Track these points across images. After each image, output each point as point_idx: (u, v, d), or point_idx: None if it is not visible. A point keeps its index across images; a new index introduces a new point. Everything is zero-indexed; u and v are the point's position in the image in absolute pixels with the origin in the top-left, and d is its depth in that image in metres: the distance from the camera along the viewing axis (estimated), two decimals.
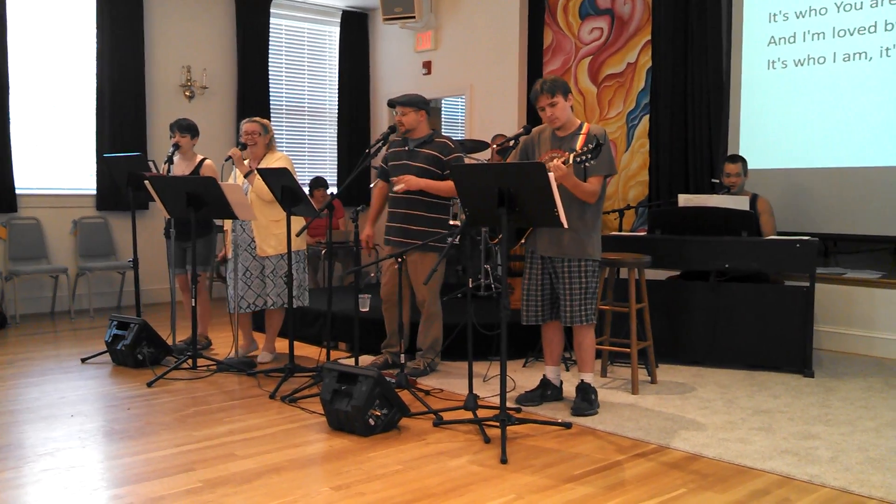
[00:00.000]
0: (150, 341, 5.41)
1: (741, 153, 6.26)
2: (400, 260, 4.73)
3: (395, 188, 5.08)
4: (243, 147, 5.34)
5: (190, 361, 5.29)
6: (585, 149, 3.95)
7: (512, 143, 4.43)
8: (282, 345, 5.61)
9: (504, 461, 3.58)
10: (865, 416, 4.32)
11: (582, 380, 4.44)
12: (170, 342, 5.61)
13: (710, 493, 3.25)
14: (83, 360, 5.59)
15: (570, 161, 3.99)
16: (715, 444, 3.84)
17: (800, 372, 5.24)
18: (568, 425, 4.12)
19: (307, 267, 5.62)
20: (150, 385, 4.91)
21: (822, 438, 3.92)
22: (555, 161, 4.00)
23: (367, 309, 5.72)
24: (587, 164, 3.97)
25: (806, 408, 4.47)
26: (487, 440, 3.87)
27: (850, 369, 5.45)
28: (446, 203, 5.18)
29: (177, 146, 5.72)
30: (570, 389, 4.63)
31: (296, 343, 5.23)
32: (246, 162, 5.38)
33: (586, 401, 4.37)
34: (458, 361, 5.40)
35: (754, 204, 5.73)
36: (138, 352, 5.32)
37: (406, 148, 5.15)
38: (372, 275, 8.07)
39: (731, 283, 5.49)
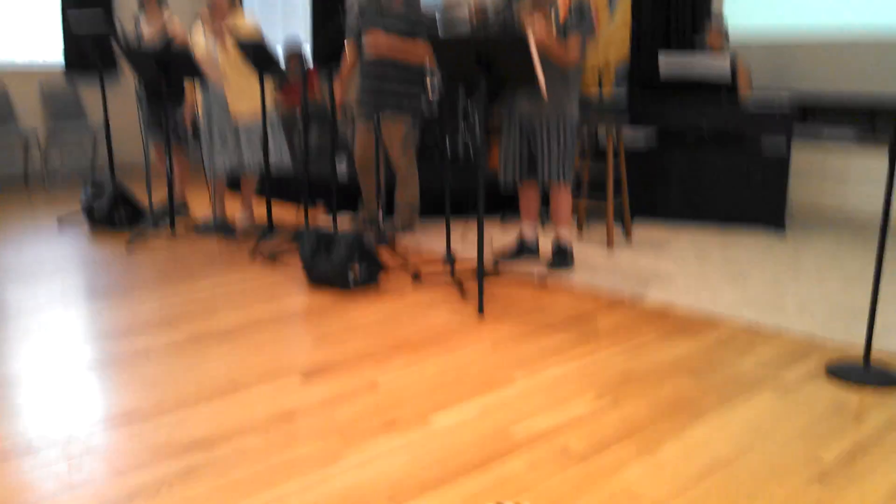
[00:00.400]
0: (126, 204, 5.39)
1: (724, 11, 6.13)
2: (373, 123, 4.67)
3: (366, 50, 4.96)
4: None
5: (168, 223, 5.29)
6: (568, 17, 3.88)
7: (490, 16, 4.33)
8: (260, 204, 5.60)
9: (481, 312, 3.67)
10: (834, 267, 4.43)
11: (558, 236, 4.50)
12: (165, 205, 5.58)
13: (679, 339, 3.36)
14: (60, 220, 5.57)
15: (553, 24, 3.92)
16: (687, 294, 3.95)
17: (773, 227, 5.34)
18: (543, 280, 4.20)
19: (283, 132, 5.54)
20: (129, 245, 4.92)
21: (790, 289, 4.03)
22: (536, 24, 3.92)
23: (345, 170, 5.70)
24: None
25: (776, 261, 4.58)
26: (465, 294, 3.95)
27: (822, 224, 5.56)
28: (420, 65, 5.06)
29: (142, 4, 5.52)
30: (546, 246, 4.70)
31: (274, 203, 5.23)
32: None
33: (561, 256, 4.44)
34: (436, 219, 5.43)
35: (734, 63, 5.67)
36: (115, 214, 5.31)
37: (379, 4, 5.00)
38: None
39: (709, 144, 5.49)
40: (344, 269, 3.97)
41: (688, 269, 4.42)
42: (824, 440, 2.50)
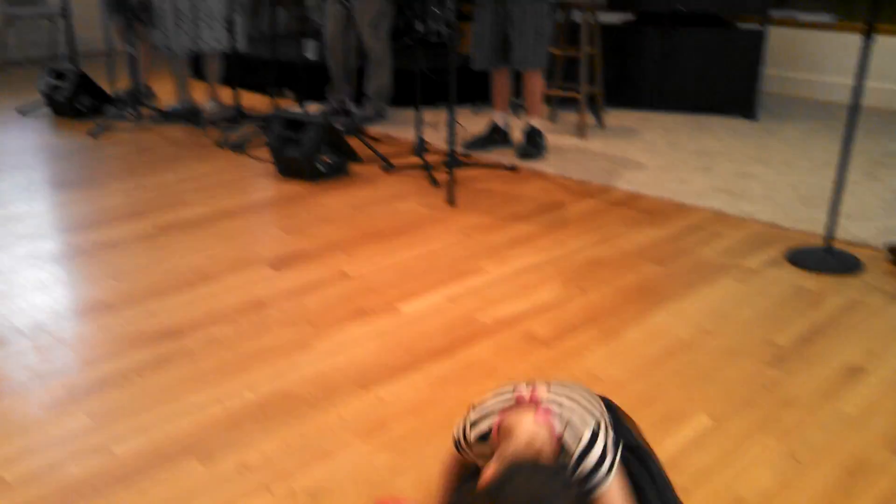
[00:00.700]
0: (89, 91, 5.26)
1: None
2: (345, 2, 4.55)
3: None
4: None
5: (132, 111, 5.18)
6: None
7: None
8: (226, 94, 5.49)
9: (451, 203, 3.68)
10: (802, 156, 4.46)
11: (530, 124, 4.47)
12: (129, 91, 5.45)
13: (648, 228, 3.40)
14: (19, 110, 5.44)
15: None
16: (655, 183, 3.97)
17: (744, 115, 5.33)
18: (515, 168, 4.20)
19: (245, 11, 5.37)
20: (93, 135, 4.83)
21: (757, 178, 4.06)
22: None
23: (314, 56, 5.58)
24: None
25: (745, 149, 4.60)
26: (436, 184, 3.94)
27: (793, 112, 5.55)
28: None
29: None
30: (518, 134, 4.68)
31: (241, 92, 5.12)
32: None
33: (533, 144, 4.43)
34: (407, 108, 5.37)
35: None
36: (77, 102, 5.18)
37: None
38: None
39: (685, 26, 5.41)
40: (313, 158, 3.94)
41: (658, 157, 4.43)
42: (781, 324, 2.58)
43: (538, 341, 2.47)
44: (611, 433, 1.47)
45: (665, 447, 1.96)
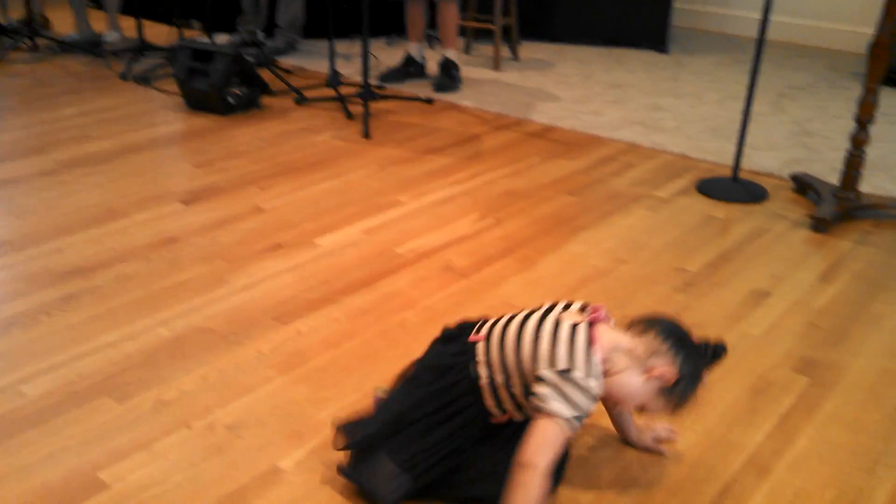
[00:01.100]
0: None
1: None
2: None
3: None
4: None
5: (28, 41, 4.91)
6: None
7: None
8: (128, 24, 5.25)
9: (367, 136, 3.63)
10: (711, 89, 4.55)
11: (445, 56, 4.42)
12: (24, 20, 5.15)
13: (562, 160, 3.43)
14: None
15: None
16: (570, 116, 4.00)
17: (656, 48, 5.39)
18: (430, 101, 4.17)
19: None
20: None
21: (668, 110, 4.13)
22: None
23: None
24: None
25: (657, 82, 4.66)
26: (350, 116, 3.88)
27: (703, 46, 5.64)
28: None
29: None
30: (433, 67, 4.63)
31: (144, 22, 4.91)
32: None
33: (449, 77, 4.39)
34: (320, 40, 5.24)
35: None
36: None
37: None
38: None
39: None
40: (223, 91, 3.82)
41: (572, 90, 4.45)
42: (691, 251, 2.65)
43: (456, 272, 2.49)
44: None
45: None
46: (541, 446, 1.42)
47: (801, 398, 1.93)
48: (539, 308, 1.60)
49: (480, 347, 1.57)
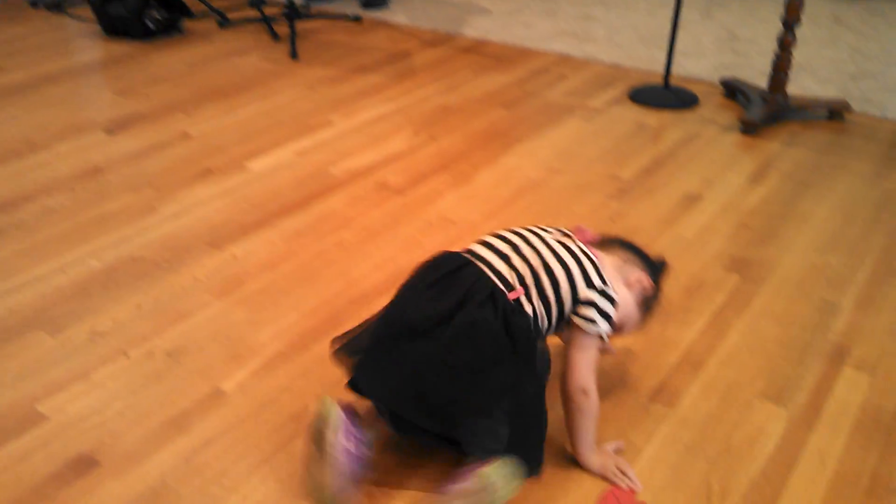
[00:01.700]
0: None
1: None
2: None
3: None
4: None
5: None
6: None
7: None
8: None
9: (294, 56, 3.54)
10: None
11: None
12: None
13: (495, 73, 3.40)
14: None
15: None
16: (501, 29, 3.95)
17: None
18: (358, 19, 4.07)
19: None
20: None
21: (599, 20, 4.11)
22: None
23: None
24: None
25: None
26: (276, 37, 3.77)
27: None
28: None
29: None
30: None
31: None
32: None
33: None
34: None
35: None
36: None
37: None
38: None
39: None
40: (140, 15, 3.67)
41: (503, 3, 4.39)
42: (624, 159, 2.67)
43: (391, 190, 2.47)
44: None
45: None
46: (590, 369, 1.46)
47: (732, 295, 1.98)
48: (533, 236, 1.54)
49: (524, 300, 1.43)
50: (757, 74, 3.34)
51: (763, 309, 1.93)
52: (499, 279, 1.41)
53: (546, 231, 1.57)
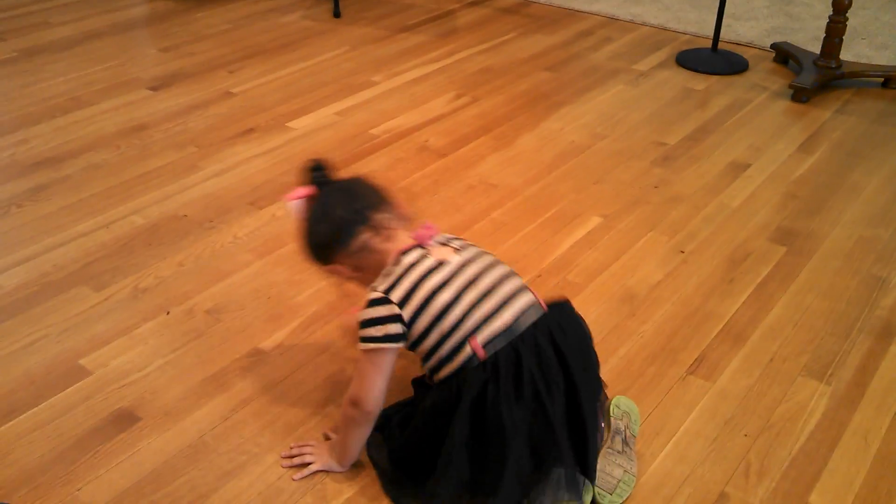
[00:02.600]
0: None
1: None
2: None
3: None
4: None
5: None
6: None
7: None
8: None
9: (337, 15, 3.51)
10: None
11: None
12: None
13: (538, 35, 3.34)
14: None
15: None
16: None
17: None
18: None
19: None
20: None
21: None
22: None
23: None
24: None
25: None
26: None
27: None
28: None
29: None
30: None
31: None
32: None
33: None
34: None
35: None
36: None
37: None
38: None
39: None
40: None
41: None
42: (670, 125, 2.62)
43: (433, 152, 2.45)
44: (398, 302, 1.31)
45: (560, 247, 2.01)
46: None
47: (777, 267, 1.94)
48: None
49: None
50: (810, 40, 3.25)
51: (809, 282, 1.89)
52: None
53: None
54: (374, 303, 1.31)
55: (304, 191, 1.39)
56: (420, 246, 1.35)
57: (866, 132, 2.58)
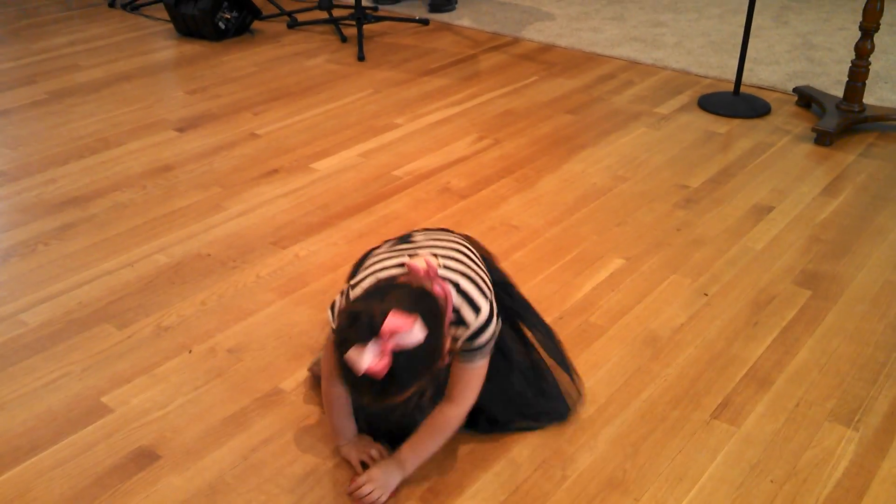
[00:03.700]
0: None
1: None
2: None
3: None
4: None
5: None
6: None
7: None
8: None
9: (361, 58, 3.56)
10: (712, 3, 4.44)
11: None
12: None
13: (560, 79, 3.37)
14: None
15: None
16: (568, 34, 3.91)
17: None
18: (425, 22, 4.08)
19: None
20: None
21: (669, 26, 4.04)
22: None
23: None
24: None
25: None
26: (344, 39, 3.80)
27: None
28: None
29: None
30: None
31: None
32: None
33: None
34: None
35: None
36: None
37: None
38: None
39: None
40: (213, 16, 3.73)
41: (569, 7, 4.35)
42: (692, 168, 2.62)
43: (454, 193, 2.46)
44: (495, 306, 1.41)
45: (582, 289, 2.00)
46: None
47: (802, 311, 1.92)
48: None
49: None
50: (832, 84, 3.25)
51: (835, 326, 1.87)
52: None
53: None
54: (491, 318, 1.38)
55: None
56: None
57: (891, 175, 2.57)
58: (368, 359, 1.16)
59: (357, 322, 1.20)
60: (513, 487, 1.45)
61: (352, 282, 1.41)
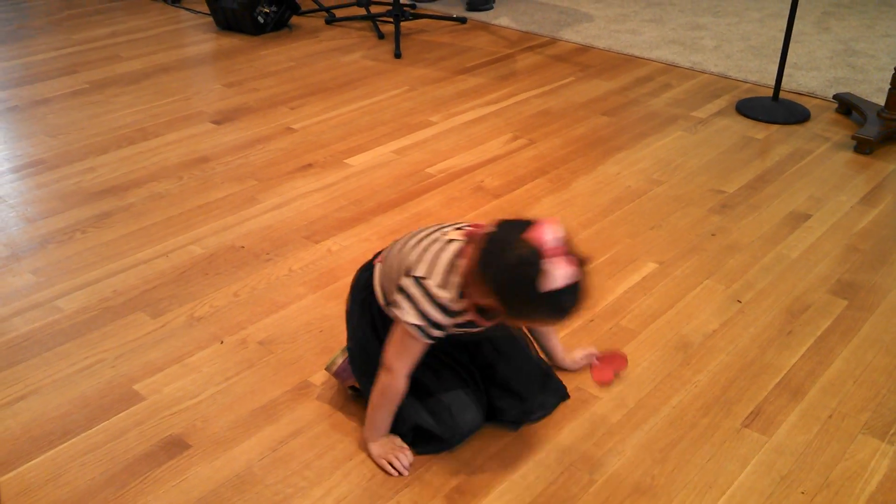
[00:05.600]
0: None
1: None
2: None
3: None
4: None
5: None
6: None
7: None
8: None
9: (398, 56, 3.57)
10: (752, 7, 4.39)
11: None
12: None
13: (597, 80, 3.35)
14: None
15: None
16: (606, 35, 3.89)
17: None
18: (463, 20, 4.08)
19: None
20: None
21: (708, 29, 4.00)
22: None
23: None
24: None
25: (697, 0, 4.51)
26: (381, 36, 3.81)
27: None
28: None
29: None
30: None
31: None
32: None
33: None
34: None
35: None
36: None
37: None
38: None
39: None
40: (252, 10, 3.76)
41: (608, 9, 4.33)
42: (728, 173, 2.59)
43: (488, 192, 2.46)
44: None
45: (614, 292, 1.99)
46: (397, 351, 1.41)
47: (838, 321, 1.90)
48: (437, 225, 1.49)
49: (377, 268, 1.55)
50: (874, 91, 3.20)
51: (872, 337, 1.84)
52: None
53: (450, 226, 1.47)
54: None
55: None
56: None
57: None
58: (565, 267, 1.24)
59: (531, 253, 1.25)
60: (539, 490, 1.44)
61: (414, 273, 1.36)
